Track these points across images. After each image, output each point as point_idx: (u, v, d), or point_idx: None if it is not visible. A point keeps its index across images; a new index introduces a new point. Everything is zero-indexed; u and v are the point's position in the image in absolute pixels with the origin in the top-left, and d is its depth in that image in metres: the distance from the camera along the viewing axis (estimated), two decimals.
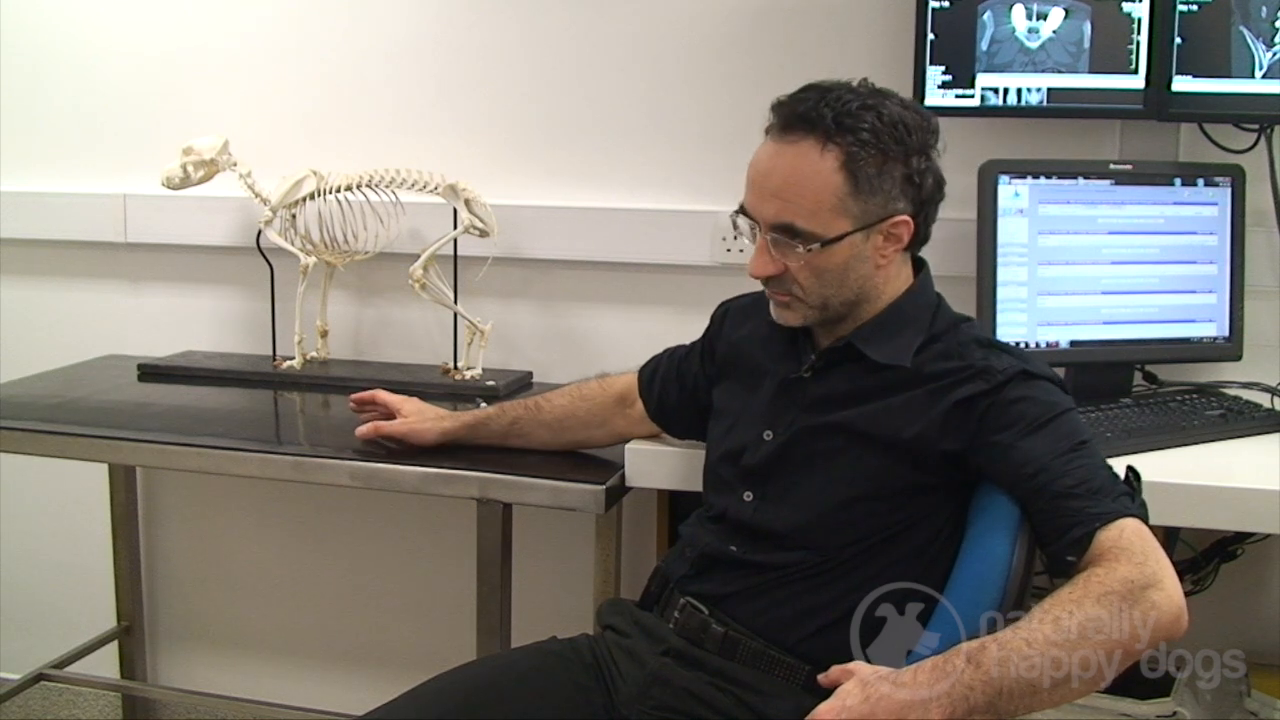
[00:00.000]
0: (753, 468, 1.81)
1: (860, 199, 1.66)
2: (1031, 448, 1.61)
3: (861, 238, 1.68)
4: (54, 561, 3.21)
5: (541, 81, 2.71)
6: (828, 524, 1.73)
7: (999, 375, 1.66)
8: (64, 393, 2.67)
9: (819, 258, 1.68)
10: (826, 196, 1.65)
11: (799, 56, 2.50)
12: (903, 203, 1.69)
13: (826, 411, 1.76)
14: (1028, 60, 2.30)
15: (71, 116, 3.00)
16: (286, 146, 2.80)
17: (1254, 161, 2.33)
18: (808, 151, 1.65)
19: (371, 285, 2.85)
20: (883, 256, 1.71)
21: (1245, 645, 2.27)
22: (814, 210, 1.66)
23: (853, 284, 1.72)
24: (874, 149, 1.65)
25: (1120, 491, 1.57)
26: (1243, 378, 2.37)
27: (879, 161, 1.65)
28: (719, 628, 1.75)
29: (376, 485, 2.23)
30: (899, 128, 1.67)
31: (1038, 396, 1.65)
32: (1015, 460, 1.61)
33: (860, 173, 1.64)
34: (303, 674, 3.03)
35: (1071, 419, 1.64)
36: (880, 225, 1.68)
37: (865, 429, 1.72)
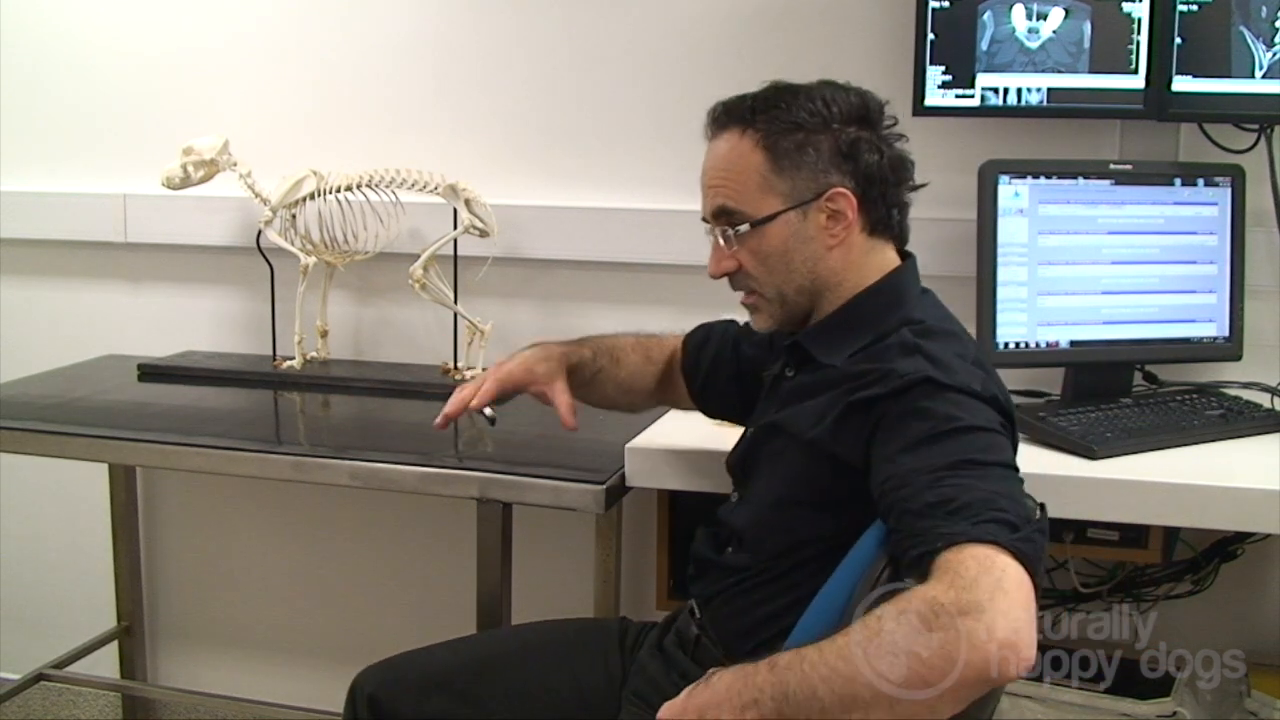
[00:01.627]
0: (732, 466, 1.83)
1: (785, 175, 1.65)
2: (905, 463, 1.45)
3: (797, 216, 1.66)
4: (54, 561, 3.21)
5: (541, 82, 2.71)
6: (763, 526, 1.70)
7: (897, 380, 1.52)
8: (64, 392, 2.68)
9: (757, 241, 1.67)
10: (750, 175, 1.66)
11: (798, 56, 2.50)
12: (836, 175, 1.65)
13: (779, 410, 1.74)
14: (1028, 60, 2.30)
15: (71, 116, 3.00)
16: (286, 146, 2.81)
17: (1254, 161, 2.33)
18: (730, 138, 1.68)
19: (371, 285, 2.86)
20: (831, 236, 1.67)
21: (1245, 645, 2.28)
22: (740, 191, 1.67)
23: (800, 268, 1.68)
24: (787, 123, 1.64)
25: (991, 518, 1.33)
26: (1243, 378, 2.37)
27: (798, 136, 1.64)
28: (695, 631, 1.77)
29: (376, 485, 2.23)
30: (816, 102, 1.65)
31: (935, 409, 1.48)
32: (883, 474, 1.47)
33: (777, 148, 1.64)
34: (303, 674, 3.04)
35: (970, 438, 1.45)
36: (816, 202, 1.65)
37: (789, 428, 1.68)
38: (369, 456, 2.23)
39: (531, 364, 1.97)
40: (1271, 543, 2.34)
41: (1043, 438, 2.07)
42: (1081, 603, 2.39)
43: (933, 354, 1.56)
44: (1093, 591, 2.38)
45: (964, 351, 1.61)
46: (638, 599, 2.66)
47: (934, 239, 2.45)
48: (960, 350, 1.61)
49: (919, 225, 2.42)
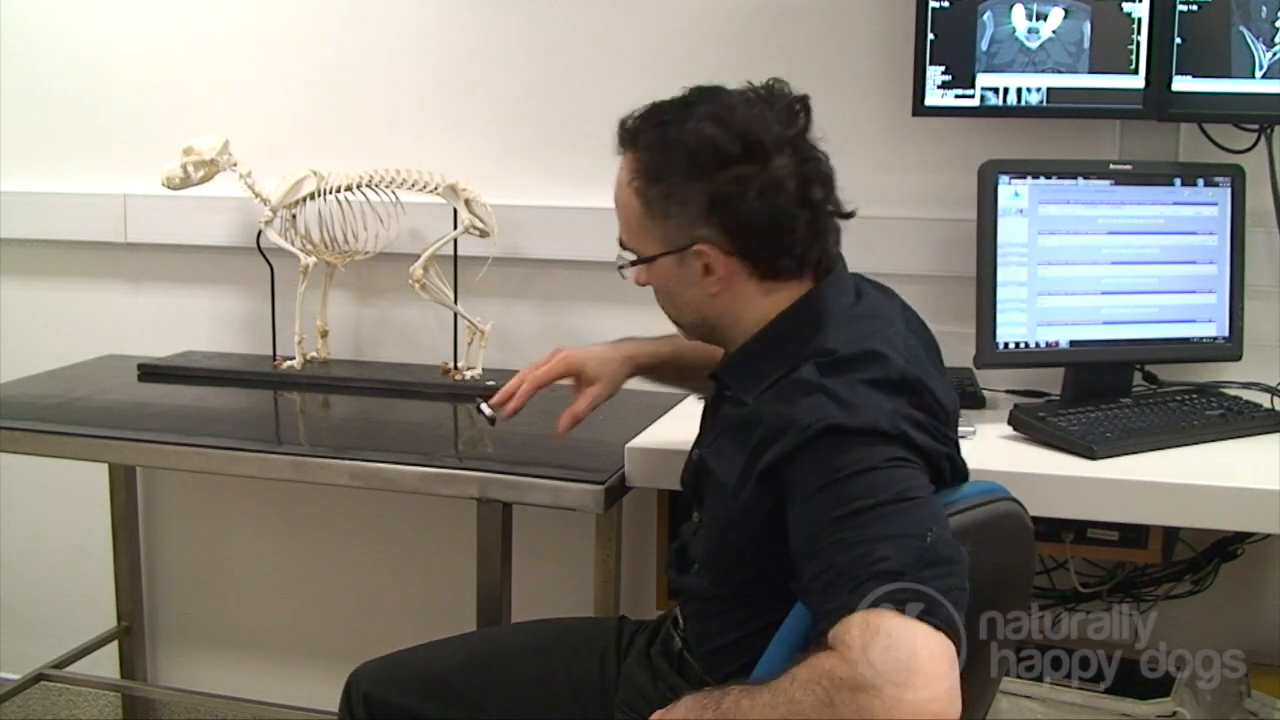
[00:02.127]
0: (684, 486, 1.79)
1: (656, 221, 1.58)
2: (800, 532, 1.39)
3: (674, 261, 1.59)
4: (54, 561, 3.21)
5: (541, 82, 2.71)
6: (716, 557, 1.64)
7: (799, 434, 1.41)
8: (64, 392, 2.68)
9: (646, 275, 1.64)
10: (630, 215, 1.61)
11: (798, 56, 2.50)
12: (705, 229, 1.54)
13: (707, 442, 1.69)
14: (1028, 60, 2.30)
15: (71, 116, 3.00)
16: (286, 146, 2.81)
17: (1254, 161, 2.33)
18: (622, 167, 1.62)
19: (371, 285, 2.86)
20: (711, 285, 1.58)
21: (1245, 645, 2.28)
22: (627, 227, 1.64)
23: (686, 309, 1.64)
24: (653, 171, 1.56)
25: (867, 575, 1.28)
26: (1243, 378, 2.37)
27: (661, 186, 1.56)
28: (679, 644, 1.76)
29: (376, 485, 2.23)
30: (678, 151, 1.54)
31: (832, 460, 1.38)
32: (793, 548, 1.40)
33: (645, 195, 1.58)
34: (302, 674, 3.04)
35: (853, 484, 1.36)
36: (687, 251, 1.56)
37: (715, 472, 1.60)
38: (369, 456, 2.23)
39: (587, 361, 1.95)
40: (1271, 543, 2.34)
41: (1043, 438, 2.07)
42: (1081, 603, 2.39)
43: (835, 393, 1.43)
44: (1093, 591, 2.39)
45: (885, 375, 1.47)
46: (638, 599, 2.66)
47: (933, 239, 2.46)
48: (879, 375, 1.47)
49: (918, 225, 2.43)
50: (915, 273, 2.41)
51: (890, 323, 1.61)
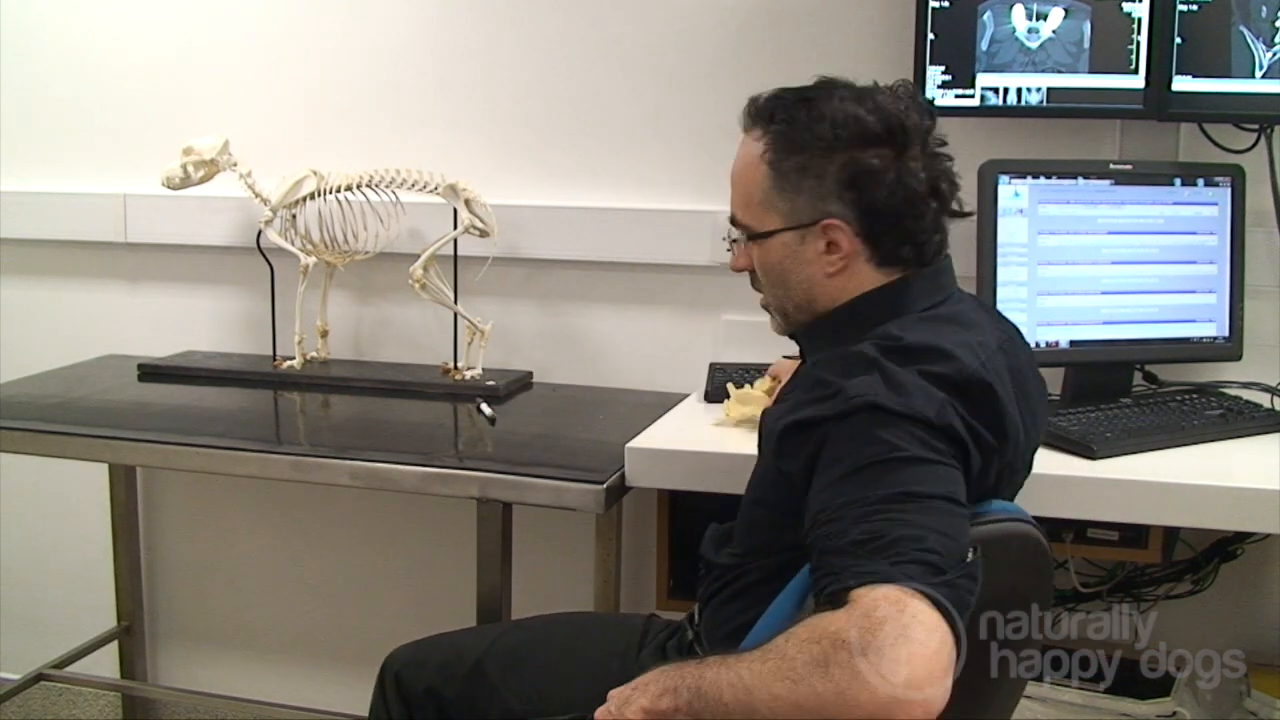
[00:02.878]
0: None
1: (785, 196, 1.58)
2: (840, 494, 1.36)
3: (795, 238, 1.59)
4: (54, 561, 3.21)
5: (541, 82, 2.71)
6: (744, 522, 1.69)
7: (843, 403, 1.42)
8: (64, 392, 2.68)
9: (759, 253, 1.64)
10: (754, 189, 1.61)
11: (799, 56, 2.50)
12: (836, 205, 1.55)
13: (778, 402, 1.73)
14: (1027, 60, 2.30)
15: (71, 116, 3.00)
16: (286, 146, 2.81)
17: (1254, 161, 2.33)
18: (749, 143, 1.62)
19: (372, 285, 2.86)
20: (829, 264, 1.59)
21: (1245, 645, 2.28)
22: (747, 202, 1.63)
23: (797, 289, 1.63)
24: (793, 142, 1.56)
25: (914, 558, 1.27)
26: (1243, 378, 2.37)
27: (800, 157, 1.56)
28: (690, 635, 1.77)
29: (376, 485, 2.23)
30: (825, 124, 1.55)
31: (881, 437, 1.38)
32: (817, 504, 1.38)
33: (780, 167, 1.57)
34: (303, 673, 3.03)
35: (910, 469, 1.36)
36: (812, 228, 1.57)
37: (766, 421, 1.59)
38: (369, 456, 2.23)
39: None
40: (1271, 543, 2.34)
41: (1043, 438, 2.06)
42: (1081, 602, 2.39)
43: (891, 374, 1.43)
44: (1093, 591, 2.39)
45: (947, 372, 1.46)
46: (638, 599, 2.66)
47: None
48: (942, 371, 1.46)
49: None
50: None
51: (975, 331, 1.58)
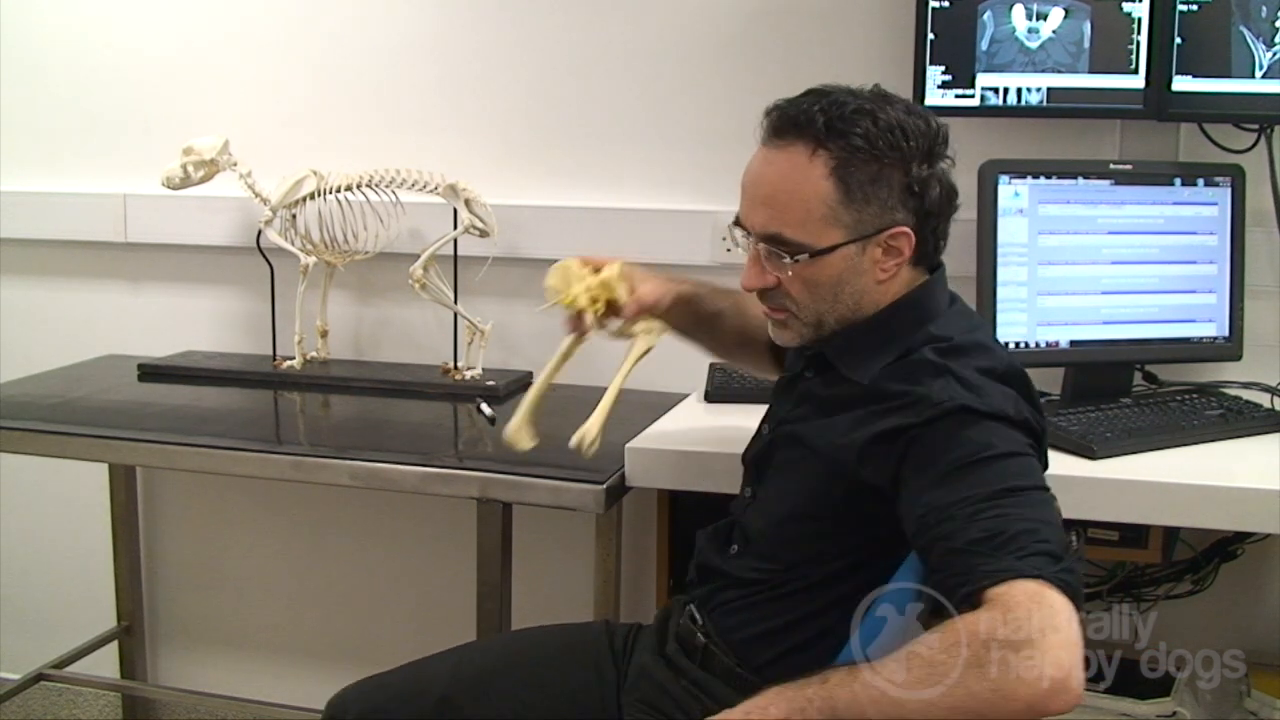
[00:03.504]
0: (748, 462, 1.82)
1: (853, 208, 1.57)
2: (941, 496, 1.42)
3: (857, 249, 1.59)
4: (54, 561, 3.21)
5: (541, 81, 2.71)
6: (780, 537, 1.69)
7: (930, 409, 1.49)
8: (64, 392, 2.68)
9: (809, 269, 1.60)
10: (816, 205, 1.57)
11: (799, 56, 2.50)
12: (902, 213, 1.59)
13: (796, 416, 1.72)
14: (1028, 60, 2.30)
15: (71, 116, 3.00)
16: (286, 146, 2.81)
17: (1254, 161, 2.33)
18: (796, 156, 1.58)
19: (371, 285, 2.86)
20: (883, 270, 1.62)
21: (1245, 645, 2.28)
22: (803, 220, 1.58)
23: (847, 298, 1.63)
24: (866, 154, 1.56)
25: (1034, 550, 1.33)
26: (1243, 378, 2.37)
27: (873, 168, 1.56)
28: (701, 639, 1.74)
29: (376, 485, 2.23)
30: (896, 133, 1.57)
31: (972, 437, 1.46)
32: (919, 508, 1.44)
33: (851, 179, 1.56)
34: (302, 674, 3.04)
35: (1005, 464, 1.44)
36: (877, 237, 1.59)
37: (811, 442, 1.65)
38: (369, 456, 2.23)
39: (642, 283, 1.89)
40: (1271, 543, 2.34)
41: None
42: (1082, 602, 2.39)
43: (963, 376, 1.52)
44: (1093, 591, 2.38)
45: (994, 365, 1.56)
46: (638, 599, 2.67)
47: None
48: (990, 364, 1.56)
49: None
50: None
51: (980, 325, 1.74)
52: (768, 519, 1.72)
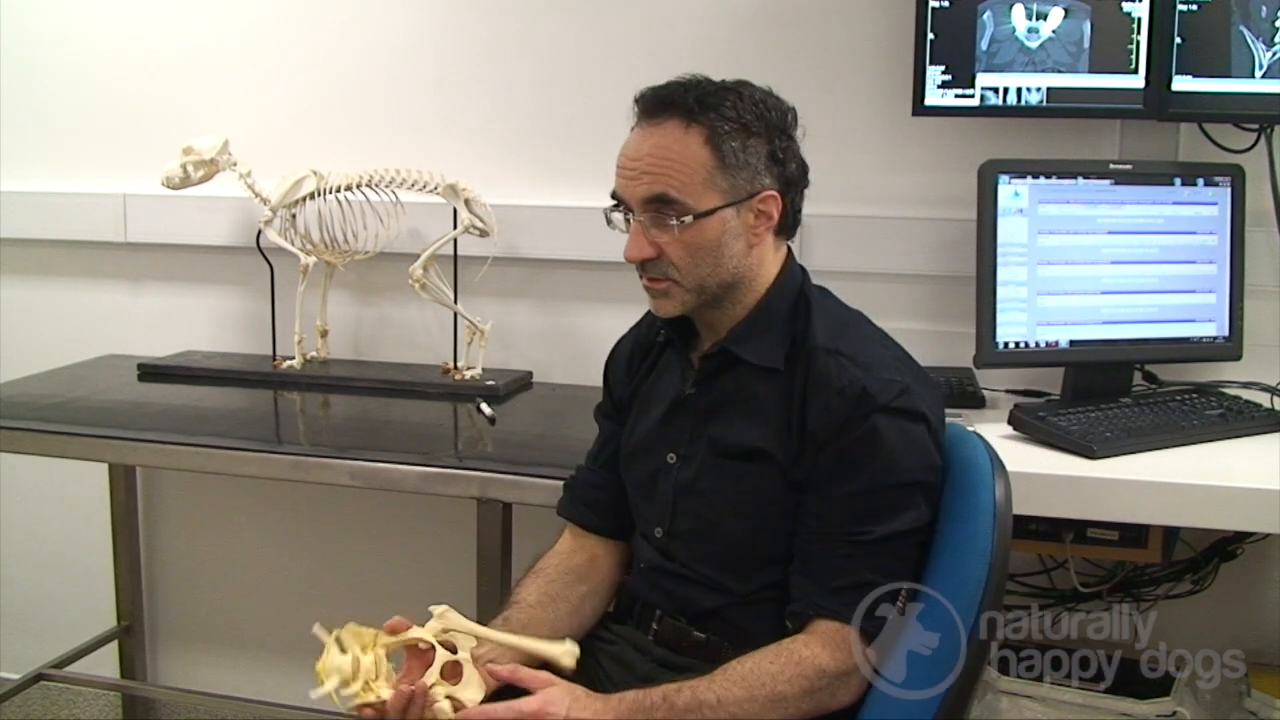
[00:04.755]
0: (658, 498, 1.80)
1: (728, 173, 1.67)
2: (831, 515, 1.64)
3: (733, 213, 1.68)
4: (54, 561, 3.21)
5: (541, 81, 2.71)
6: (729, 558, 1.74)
7: (863, 405, 1.63)
8: (64, 392, 2.68)
9: (692, 232, 1.67)
10: (697, 169, 1.66)
11: (799, 56, 2.50)
12: (769, 179, 1.70)
13: (713, 422, 1.75)
14: (1027, 60, 2.30)
15: (72, 116, 3.00)
16: (286, 146, 2.81)
17: (1254, 161, 2.33)
18: (673, 130, 1.68)
19: (371, 285, 2.86)
20: (755, 235, 1.71)
21: (1245, 644, 2.28)
22: (686, 182, 1.66)
23: (727, 263, 1.70)
24: (736, 124, 1.67)
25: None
26: (1242, 377, 2.36)
27: (742, 136, 1.67)
28: (699, 634, 1.75)
29: (377, 485, 2.23)
30: (760, 106, 1.69)
31: (879, 445, 1.63)
32: (814, 510, 1.66)
33: (724, 146, 1.66)
34: (303, 673, 3.00)
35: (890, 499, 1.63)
36: (750, 201, 1.69)
37: (739, 447, 1.72)
38: (369, 456, 2.24)
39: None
40: (1271, 542, 2.34)
41: (1042, 437, 2.06)
42: (1081, 602, 2.39)
43: (872, 367, 1.67)
44: (1093, 591, 2.39)
45: (884, 346, 1.74)
46: None
47: (933, 239, 2.46)
48: (879, 347, 1.73)
49: (918, 225, 2.43)
50: (915, 272, 2.41)
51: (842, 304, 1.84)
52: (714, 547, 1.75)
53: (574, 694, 1.58)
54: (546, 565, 1.89)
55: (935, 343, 1.76)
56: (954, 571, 1.58)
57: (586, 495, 1.94)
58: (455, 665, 1.64)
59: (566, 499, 1.96)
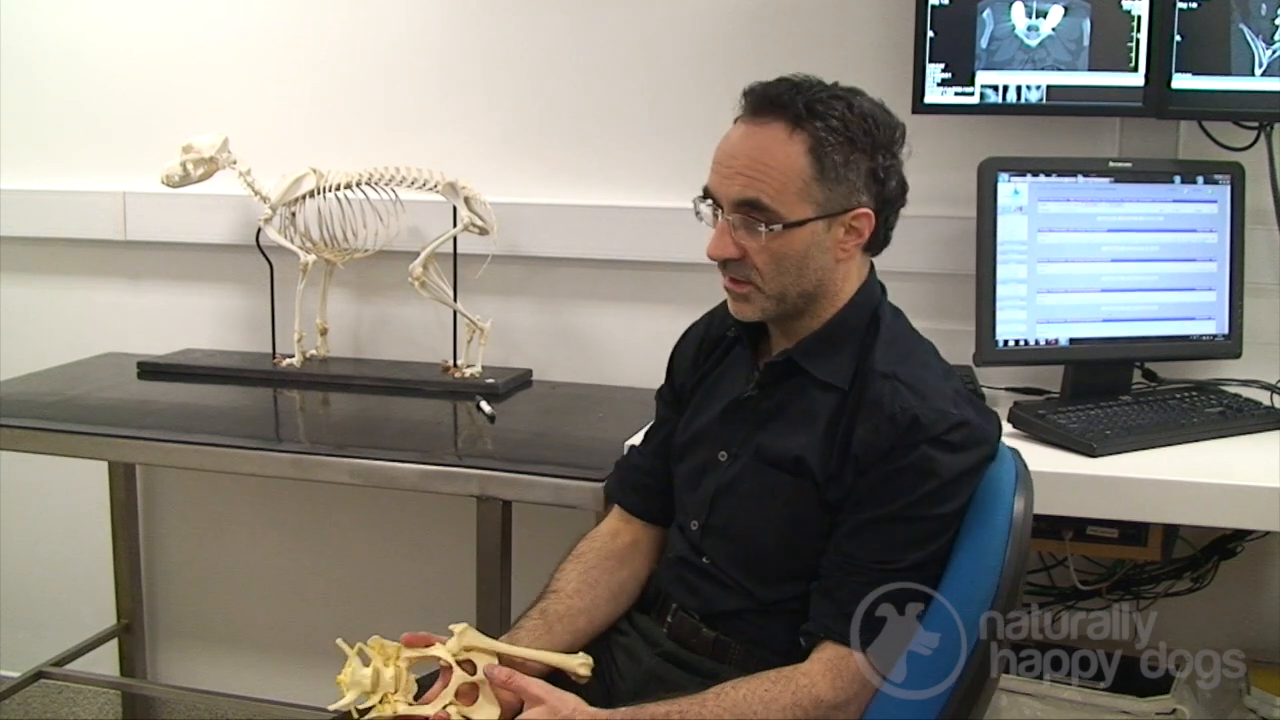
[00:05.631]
0: (703, 493, 1.80)
1: (825, 185, 1.63)
2: (861, 544, 1.61)
3: (824, 226, 1.65)
4: (54, 559, 3.21)
5: (541, 79, 2.71)
6: (760, 565, 1.73)
7: (913, 433, 1.60)
8: (64, 390, 2.68)
9: (779, 240, 1.64)
10: (793, 178, 1.62)
11: (799, 54, 2.50)
12: (866, 196, 1.66)
13: (766, 428, 1.74)
14: (1027, 58, 2.30)
15: (71, 115, 3.00)
16: (286, 144, 2.81)
17: (1253, 159, 2.33)
18: (776, 133, 1.63)
19: (371, 283, 2.86)
20: (843, 250, 1.68)
21: (1244, 642, 2.28)
22: (779, 190, 1.63)
23: (811, 275, 1.68)
24: (842, 137, 1.62)
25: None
26: (1242, 375, 2.37)
27: (846, 150, 1.63)
28: (709, 632, 1.76)
29: (377, 483, 2.23)
30: (868, 120, 1.65)
31: (918, 484, 1.59)
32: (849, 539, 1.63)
33: (827, 159, 1.62)
34: (302, 671, 3.03)
35: (922, 530, 1.60)
36: (843, 216, 1.65)
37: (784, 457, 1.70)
38: (369, 454, 2.24)
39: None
40: (1271, 540, 2.35)
41: (1042, 435, 2.07)
42: (1081, 600, 2.39)
43: (922, 391, 1.63)
44: (1092, 589, 2.39)
45: (945, 378, 1.69)
46: None
47: (933, 236, 2.46)
48: (940, 378, 1.68)
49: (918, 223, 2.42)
50: (915, 270, 2.41)
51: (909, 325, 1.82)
52: (744, 549, 1.75)
53: (568, 705, 1.61)
54: (588, 549, 1.91)
55: (935, 341, 1.75)
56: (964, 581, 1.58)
57: (635, 479, 1.95)
58: (473, 687, 1.68)
59: (615, 480, 1.99)
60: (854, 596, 1.59)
